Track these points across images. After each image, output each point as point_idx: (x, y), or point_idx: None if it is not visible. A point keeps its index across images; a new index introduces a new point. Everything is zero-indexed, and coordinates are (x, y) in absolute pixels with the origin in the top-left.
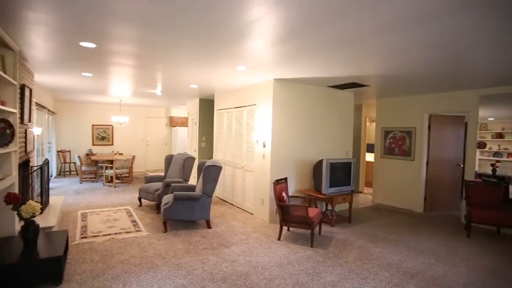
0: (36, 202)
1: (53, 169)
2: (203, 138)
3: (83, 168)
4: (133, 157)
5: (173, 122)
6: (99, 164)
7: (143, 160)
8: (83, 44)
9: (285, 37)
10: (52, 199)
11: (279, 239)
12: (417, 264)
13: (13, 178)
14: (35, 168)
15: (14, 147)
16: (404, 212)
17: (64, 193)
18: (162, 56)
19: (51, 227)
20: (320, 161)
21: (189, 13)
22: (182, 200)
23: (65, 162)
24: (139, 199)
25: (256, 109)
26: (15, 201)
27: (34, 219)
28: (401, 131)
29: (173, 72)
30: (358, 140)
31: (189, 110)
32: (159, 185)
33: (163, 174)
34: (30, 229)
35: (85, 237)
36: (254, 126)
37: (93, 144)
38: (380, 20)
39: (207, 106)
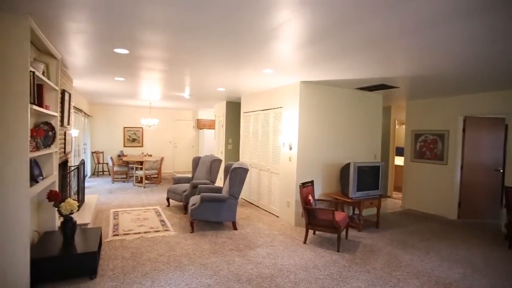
0: (74, 200)
1: (88, 169)
2: (229, 140)
3: (115, 168)
4: (162, 159)
5: (200, 125)
6: (130, 165)
7: (171, 162)
8: (117, 50)
9: (311, 39)
10: (87, 197)
11: (304, 242)
12: (451, 274)
13: (54, 177)
14: (72, 168)
15: (55, 148)
16: (436, 218)
17: (97, 192)
18: (191, 60)
19: (86, 224)
20: (347, 165)
21: (218, 19)
22: (208, 201)
23: (98, 163)
24: (167, 199)
25: (283, 111)
26: (56, 198)
27: (72, 216)
28: (432, 134)
29: (201, 75)
30: (387, 143)
31: (216, 112)
32: (186, 186)
33: (190, 175)
34: (69, 225)
35: (117, 235)
36: (280, 128)
37: (124, 146)
38: (411, 18)
39: (233, 108)
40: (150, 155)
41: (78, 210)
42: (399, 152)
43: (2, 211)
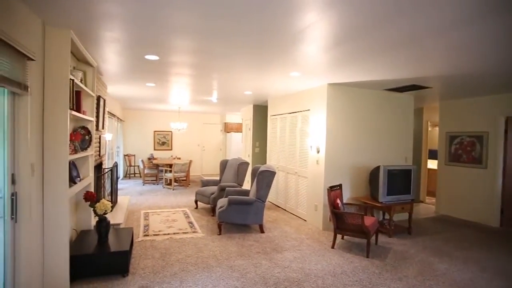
0: (107, 201)
1: (120, 171)
2: (256, 143)
3: (146, 171)
4: (190, 162)
5: (227, 128)
6: (160, 168)
7: (199, 165)
8: (148, 57)
9: (338, 40)
10: (120, 198)
11: (332, 247)
12: (493, 287)
13: (90, 178)
14: (106, 170)
15: (91, 151)
16: (474, 226)
17: (129, 194)
18: (219, 64)
19: (119, 224)
20: (377, 168)
21: (244, 23)
22: (236, 204)
23: (130, 165)
24: (196, 201)
25: (310, 114)
26: (92, 199)
27: (106, 216)
28: (469, 136)
29: (228, 79)
30: (419, 146)
31: (243, 116)
32: (214, 189)
33: (218, 178)
34: (103, 224)
35: (147, 235)
36: (308, 131)
37: (154, 149)
38: (445, 16)
39: (260, 112)
40: (179, 158)
41: (111, 211)
42: (432, 155)
43: (45, 210)
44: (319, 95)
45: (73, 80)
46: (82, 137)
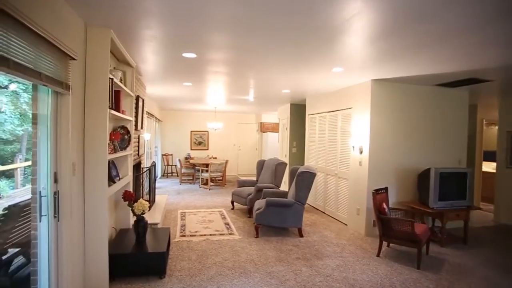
0: (145, 200)
1: (158, 170)
2: (293, 143)
3: (183, 170)
4: (227, 161)
5: (263, 128)
6: (196, 167)
7: (235, 164)
8: (185, 55)
9: (385, 31)
10: (157, 197)
11: (378, 255)
12: None
13: (129, 177)
14: (145, 169)
15: (130, 151)
16: None
17: (166, 193)
18: (256, 61)
19: (156, 224)
20: (427, 170)
21: (283, 16)
22: (274, 206)
23: (168, 165)
24: (232, 202)
25: (352, 112)
26: (130, 198)
27: (143, 215)
28: None
29: (265, 77)
30: (472, 146)
31: (280, 115)
32: (251, 189)
33: (254, 178)
34: (141, 224)
35: (184, 236)
36: (349, 131)
37: (191, 149)
38: None
39: (298, 111)
40: (215, 158)
41: (149, 210)
42: (487, 157)
43: (86, 208)
44: (363, 92)
45: (112, 79)
46: (121, 137)
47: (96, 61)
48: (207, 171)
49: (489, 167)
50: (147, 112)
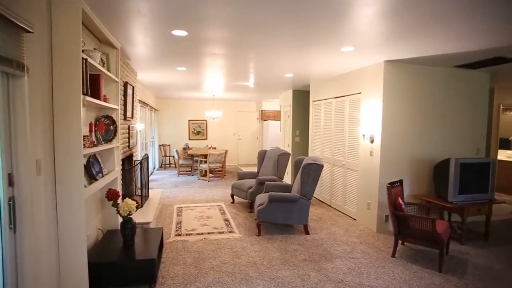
0: (133, 199)
1: (156, 162)
2: (296, 132)
3: (180, 161)
4: (226, 152)
5: (264, 116)
6: (194, 158)
7: (235, 154)
8: (175, 32)
9: (402, 2)
10: (152, 192)
11: (393, 255)
12: None
13: (116, 173)
14: (136, 163)
15: (116, 143)
16: None
17: (163, 185)
18: (256, 41)
19: (148, 223)
20: (445, 161)
21: None
22: (277, 202)
23: (165, 156)
24: (232, 196)
25: (362, 98)
26: (114, 197)
27: (131, 216)
28: None
29: (267, 60)
30: (488, 133)
31: (282, 102)
32: (252, 182)
33: (255, 169)
34: (128, 226)
35: (180, 235)
36: (359, 118)
37: (189, 139)
38: None
39: (301, 97)
40: (214, 148)
41: (141, 207)
42: (502, 144)
43: (59, 214)
44: (374, 75)
45: (86, 60)
46: (106, 127)
47: (64, 38)
48: (205, 162)
49: (502, 155)
50: (139, 100)
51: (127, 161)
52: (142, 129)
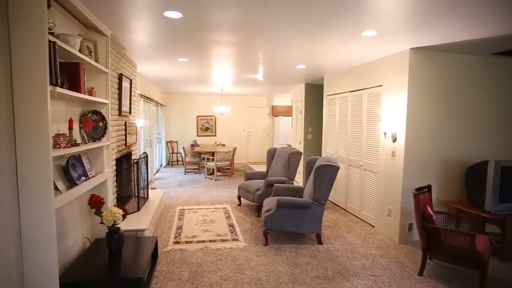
0: (120, 207)
1: (163, 159)
2: (309, 129)
3: (187, 159)
4: (234, 149)
5: (275, 112)
6: (202, 156)
7: (245, 151)
8: (167, 14)
9: None
10: (153, 193)
11: (420, 273)
12: None
13: (105, 175)
14: (133, 162)
15: (107, 141)
16: None
17: (168, 184)
18: (263, 26)
19: (142, 230)
20: (481, 164)
21: None
22: (287, 208)
23: (173, 153)
24: (239, 197)
25: (383, 91)
26: (98, 204)
27: (118, 226)
28: None
29: (277, 49)
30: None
31: (293, 97)
32: (260, 183)
33: (264, 168)
34: (114, 237)
35: (178, 242)
36: (379, 113)
37: (197, 135)
38: None
39: (314, 92)
40: (223, 145)
41: (123, 220)
42: None
43: (23, 226)
44: (398, 65)
45: (54, 43)
46: (94, 124)
47: (25, 15)
48: (212, 160)
49: None
50: (141, 95)
51: (125, 160)
52: (143, 125)
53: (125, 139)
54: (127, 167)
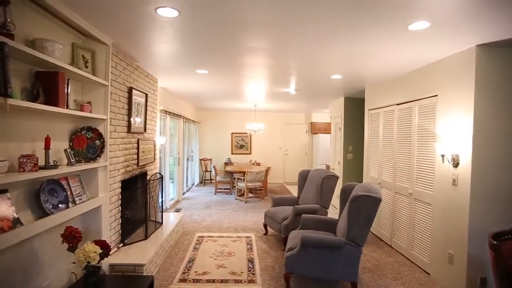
0: (97, 243)
1: (195, 177)
2: (349, 148)
3: (218, 178)
4: (268, 169)
5: (314, 129)
6: (234, 175)
7: (281, 171)
8: (160, 11)
9: None
10: (169, 216)
11: None
12: None
13: (100, 200)
14: (139, 185)
15: (104, 162)
16: None
17: (194, 205)
18: (293, 25)
19: (141, 266)
20: None
21: None
22: (314, 248)
23: (206, 171)
24: (265, 226)
25: (439, 102)
26: (74, 239)
27: (99, 265)
28: None
29: (308, 55)
30: None
31: (332, 113)
32: (288, 211)
33: (295, 194)
34: (91, 280)
35: (185, 280)
36: (433, 130)
37: (232, 153)
38: None
39: (354, 106)
40: (258, 164)
41: (103, 259)
42: None
43: None
44: (459, 69)
45: (2, 43)
46: (89, 142)
47: None
48: (244, 180)
49: None
50: (165, 111)
51: (138, 181)
52: (163, 142)
53: (137, 158)
54: (134, 190)
